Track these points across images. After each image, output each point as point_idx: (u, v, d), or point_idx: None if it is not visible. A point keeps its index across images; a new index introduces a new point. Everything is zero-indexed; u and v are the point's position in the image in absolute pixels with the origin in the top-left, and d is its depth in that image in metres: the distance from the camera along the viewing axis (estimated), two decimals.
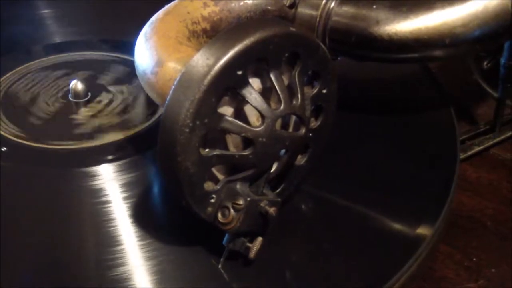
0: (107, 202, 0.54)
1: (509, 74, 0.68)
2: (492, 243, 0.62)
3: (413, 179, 0.58)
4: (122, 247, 0.50)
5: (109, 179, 0.56)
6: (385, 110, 0.67)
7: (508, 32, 0.56)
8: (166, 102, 0.44)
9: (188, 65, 0.44)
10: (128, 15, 0.81)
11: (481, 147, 0.71)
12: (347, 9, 0.58)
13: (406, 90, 0.71)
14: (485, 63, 0.75)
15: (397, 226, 0.54)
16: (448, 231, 0.57)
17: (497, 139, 0.72)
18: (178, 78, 0.43)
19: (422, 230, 0.53)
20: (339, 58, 0.60)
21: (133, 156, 0.59)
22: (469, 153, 0.70)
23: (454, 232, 0.62)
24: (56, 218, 0.53)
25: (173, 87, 0.43)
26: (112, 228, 0.52)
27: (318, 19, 0.58)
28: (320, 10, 0.58)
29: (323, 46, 0.49)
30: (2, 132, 0.61)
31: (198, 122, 0.43)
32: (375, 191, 0.57)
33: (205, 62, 0.43)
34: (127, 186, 0.56)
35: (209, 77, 0.42)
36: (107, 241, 0.50)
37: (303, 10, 0.59)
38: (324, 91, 0.50)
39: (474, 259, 0.60)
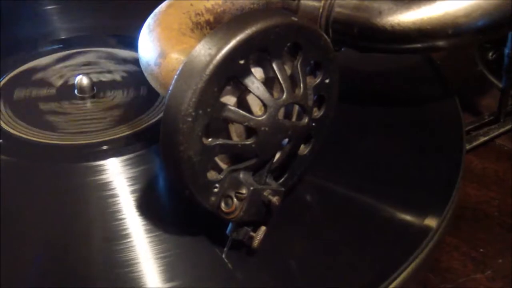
0: (115, 195, 0.54)
1: None
2: (498, 234, 0.61)
3: (419, 171, 0.58)
4: (130, 239, 0.50)
5: (116, 173, 0.56)
6: (390, 101, 0.67)
7: (511, 22, 0.55)
8: (169, 91, 0.44)
9: (190, 55, 0.44)
10: (124, 9, 0.82)
11: (486, 138, 0.71)
12: (350, 0, 0.58)
13: (411, 81, 0.71)
14: (490, 54, 0.75)
15: (403, 217, 0.54)
16: (454, 222, 0.56)
17: (502, 129, 0.72)
18: (180, 68, 0.44)
19: (428, 222, 0.53)
20: (342, 49, 0.61)
21: (140, 150, 0.59)
22: (474, 143, 0.70)
23: (460, 224, 0.62)
24: (64, 212, 0.53)
25: (175, 77, 0.44)
26: (119, 222, 0.52)
27: (321, 10, 0.58)
28: (323, 1, 0.58)
29: (325, 36, 0.49)
30: (6, 127, 0.62)
31: (200, 111, 0.43)
32: (380, 182, 0.57)
33: (207, 51, 0.43)
34: (135, 179, 0.56)
35: (211, 67, 0.42)
36: (114, 235, 0.51)
37: (306, 2, 0.59)
38: (327, 81, 0.50)
39: (481, 250, 0.60)
